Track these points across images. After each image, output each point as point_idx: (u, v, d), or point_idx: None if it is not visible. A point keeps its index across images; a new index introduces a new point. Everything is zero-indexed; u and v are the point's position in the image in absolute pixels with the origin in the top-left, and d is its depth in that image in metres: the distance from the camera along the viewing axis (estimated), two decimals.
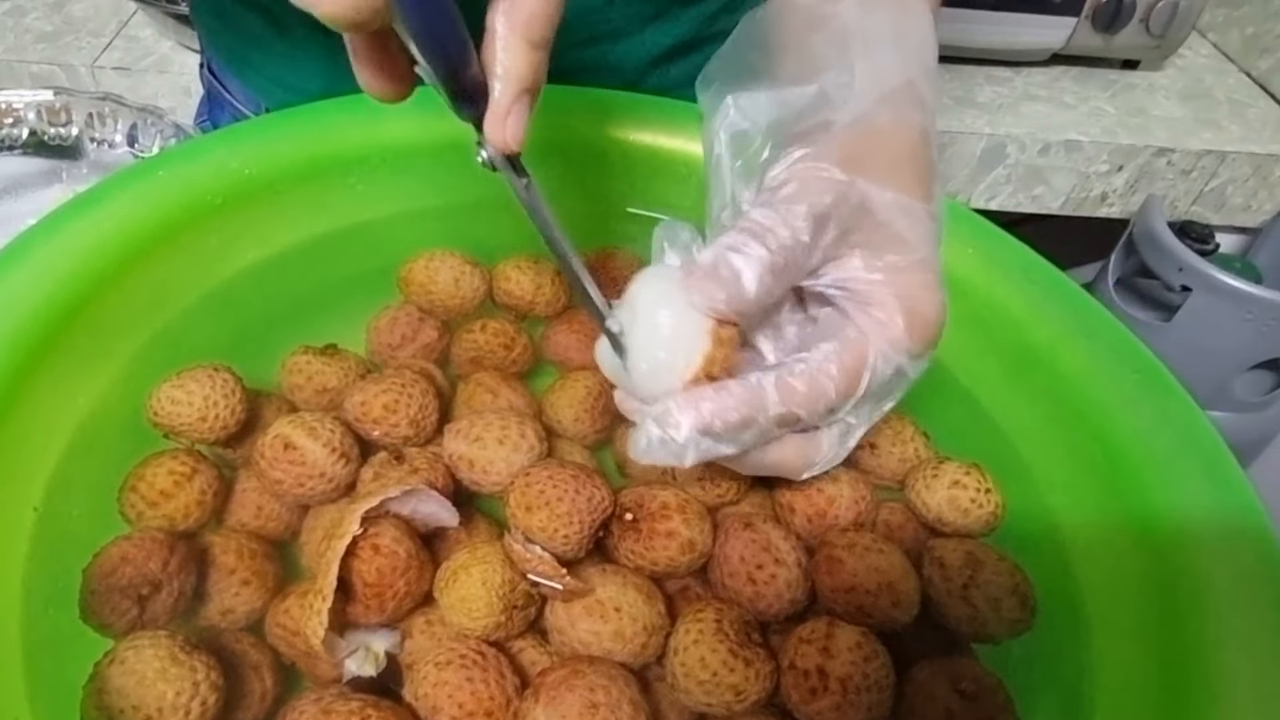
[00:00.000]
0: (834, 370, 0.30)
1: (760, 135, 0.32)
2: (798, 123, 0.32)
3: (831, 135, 0.31)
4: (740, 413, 0.28)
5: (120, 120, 0.56)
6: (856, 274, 0.31)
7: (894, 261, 0.31)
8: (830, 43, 0.33)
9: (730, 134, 0.33)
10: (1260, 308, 0.86)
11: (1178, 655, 0.31)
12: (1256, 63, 1.02)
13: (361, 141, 0.45)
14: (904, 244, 0.31)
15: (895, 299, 0.30)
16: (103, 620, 0.31)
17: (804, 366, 0.30)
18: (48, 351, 0.35)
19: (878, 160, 0.31)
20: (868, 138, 0.31)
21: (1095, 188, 0.95)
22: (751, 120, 0.33)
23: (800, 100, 0.32)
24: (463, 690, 0.30)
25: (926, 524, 0.38)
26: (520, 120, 0.28)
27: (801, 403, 0.29)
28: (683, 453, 0.28)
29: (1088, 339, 0.39)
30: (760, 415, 0.29)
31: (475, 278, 0.45)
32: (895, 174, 0.31)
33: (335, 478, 0.36)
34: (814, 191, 0.30)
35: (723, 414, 0.28)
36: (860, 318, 0.30)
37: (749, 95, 0.33)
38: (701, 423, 0.28)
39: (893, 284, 0.31)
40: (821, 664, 0.31)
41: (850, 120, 0.31)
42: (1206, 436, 0.35)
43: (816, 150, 0.31)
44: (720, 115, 0.34)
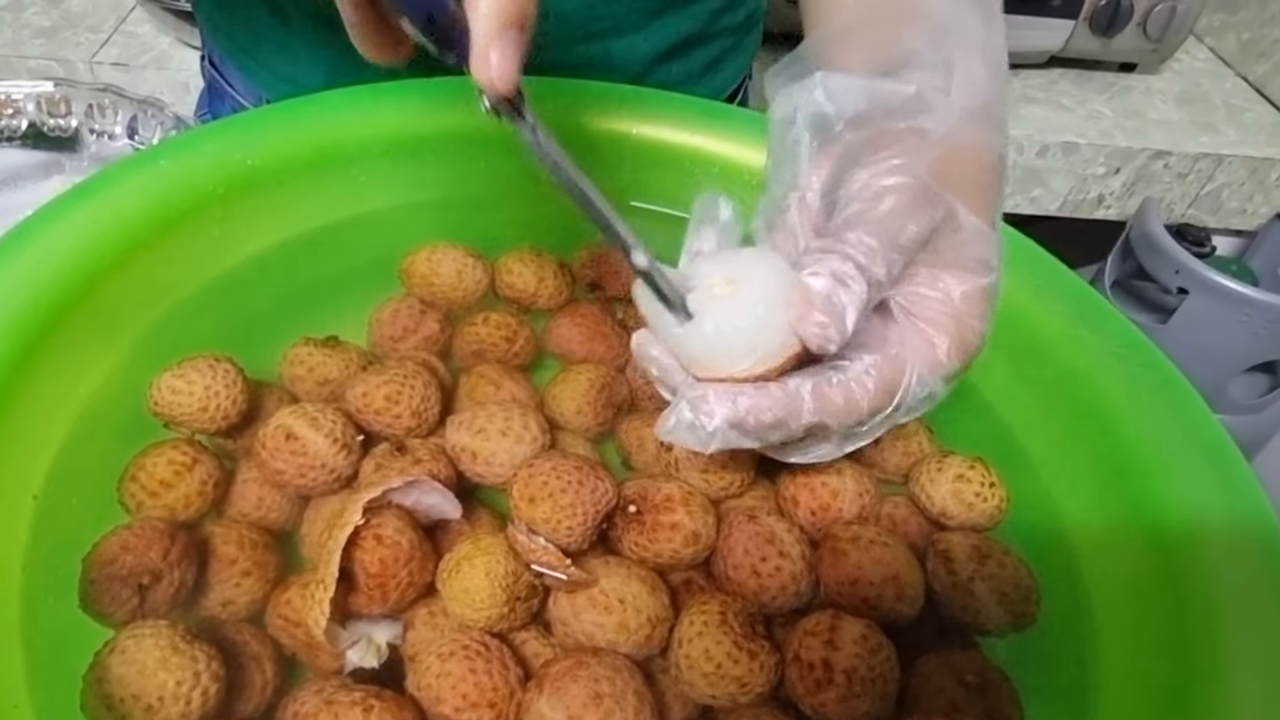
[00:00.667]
0: (870, 385, 0.29)
1: (841, 123, 0.31)
2: (888, 120, 0.31)
3: (926, 145, 0.30)
4: (775, 415, 0.28)
5: (120, 112, 0.56)
6: (921, 289, 0.31)
7: (954, 285, 0.31)
8: (925, 38, 0.32)
9: (812, 113, 0.31)
10: (1256, 310, 0.86)
11: (1183, 652, 0.31)
12: (1253, 67, 1.02)
13: (364, 133, 0.45)
14: (971, 269, 0.31)
15: (947, 320, 0.30)
16: (103, 609, 0.31)
17: (842, 377, 0.29)
18: (48, 340, 0.34)
19: (960, 180, 0.31)
20: (954, 153, 0.31)
21: (1093, 190, 0.95)
22: (837, 105, 0.31)
23: (894, 99, 0.31)
24: (466, 681, 0.30)
25: (930, 518, 0.38)
26: (507, 58, 0.25)
27: (835, 414, 0.29)
28: (709, 441, 0.28)
29: (1092, 334, 0.39)
30: (792, 421, 0.28)
31: (478, 270, 0.45)
32: (976, 197, 0.31)
33: (337, 469, 0.36)
34: (914, 216, 0.29)
35: (758, 413, 0.28)
36: (907, 333, 0.30)
37: (839, 78, 0.31)
38: (736, 417, 0.28)
39: (948, 307, 0.30)
40: (826, 656, 0.31)
41: (944, 133, 0.31)
42: (1213, 432, 0.35)
43: (912, 161, 0.30)
44: (804, 91, 0.32)
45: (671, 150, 0.47)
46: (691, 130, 0.48)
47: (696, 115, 0.48)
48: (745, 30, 0.59)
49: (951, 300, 0.30)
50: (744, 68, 0.62)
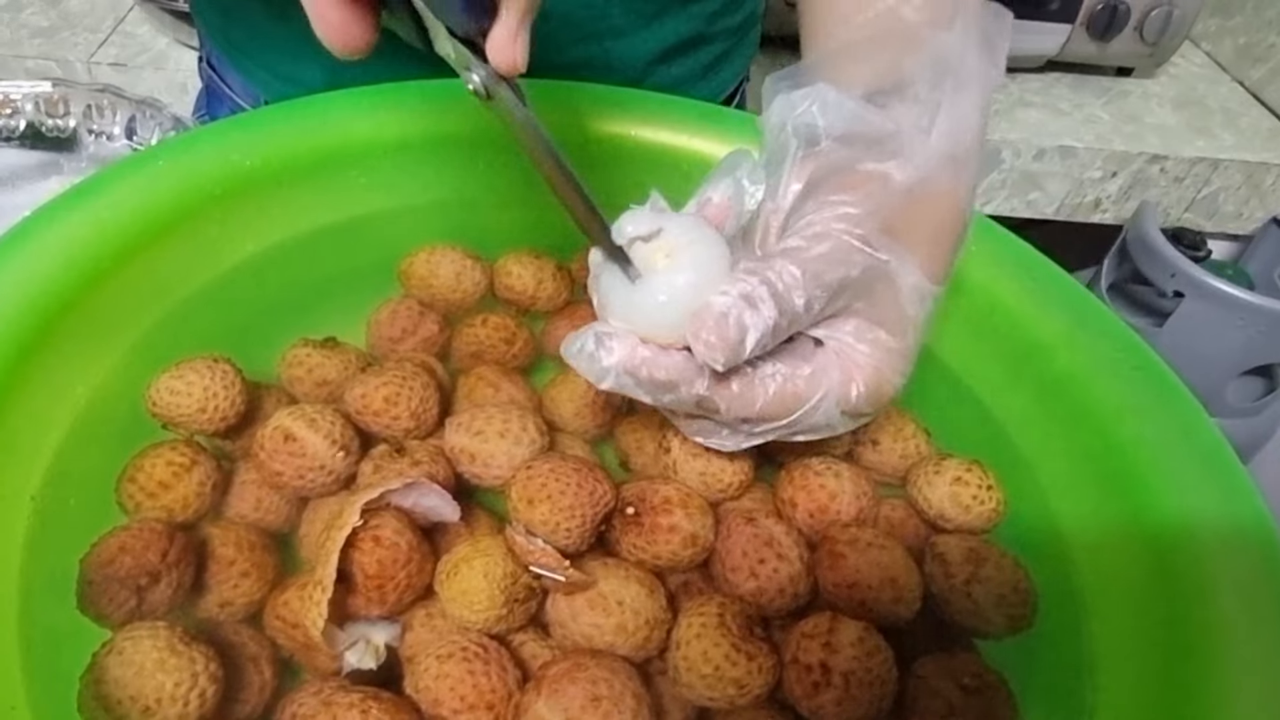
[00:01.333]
0: (771, 390, 0.30)
1: (829, 139, 0.32)
2: (863, 154, 0.32)
3: (887, 194, 0.31)
4: (666, 375, 0.29)
5: (119, 112, 0.56)
6: (846, 338, 0.32)
7: (884, 340, 0.32)
8: (924, 70, 0.33)
9: (805, 123, 0.33)
10: (1252, 314, 0.86)
11: (1179, 655, 0.31)
12: (1249, 72, 1.03)
13: (363, 134, 0.45)
14: (902, 327, 0.32)
15: (870, 370, 0.32)
16: (100, 611, 0.31)
17: (748, 369, 0.30)
18: (46, 341, 0.34)
19: (919, 232, 0.32)
20: (919, 204, 0.32)
21: (1089, 194, 0.96)
22: (826, 120, 0.32)
23: (876, 131, 0.32)
24: (464, 683, 0.30)
25: (928, 520, 0.38)
26: (526, 43, 0.27)
27: (726, 399, 0.30)
28: (602, 376, 0.29)
29: (1089, 337, 0.39)
30: (684, 388, 0.29)
31: (476, 272, 0.45)
32: (928, 249, 0.32)
33: (335, 470, 0.36)
34: (844, 262, 0.30)
35: (651, 367, 0.29)
36: (827, 366, 0.31)
37: (835, 94, 0.33)
38: (629, 364, 0.29)
39: (873, 357, 0.32)
40: (824, 659, 0.31)
41: (911, 183, 0.32)
42: (1208, 436, 0.35)
43: (863, 213, 0.31)
44: (803, 100, 0.33)
45: (669, 152, 0.47)
46: (689, 133, 0.48)
47: (694, 117, 0.48)
48: (743, 32, 0.59)
49: (878, 351, 0.32)
50: (742, 70, 0.62)
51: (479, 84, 0.28)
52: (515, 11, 0.27)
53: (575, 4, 0.49)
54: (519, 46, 0.27)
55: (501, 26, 0.27)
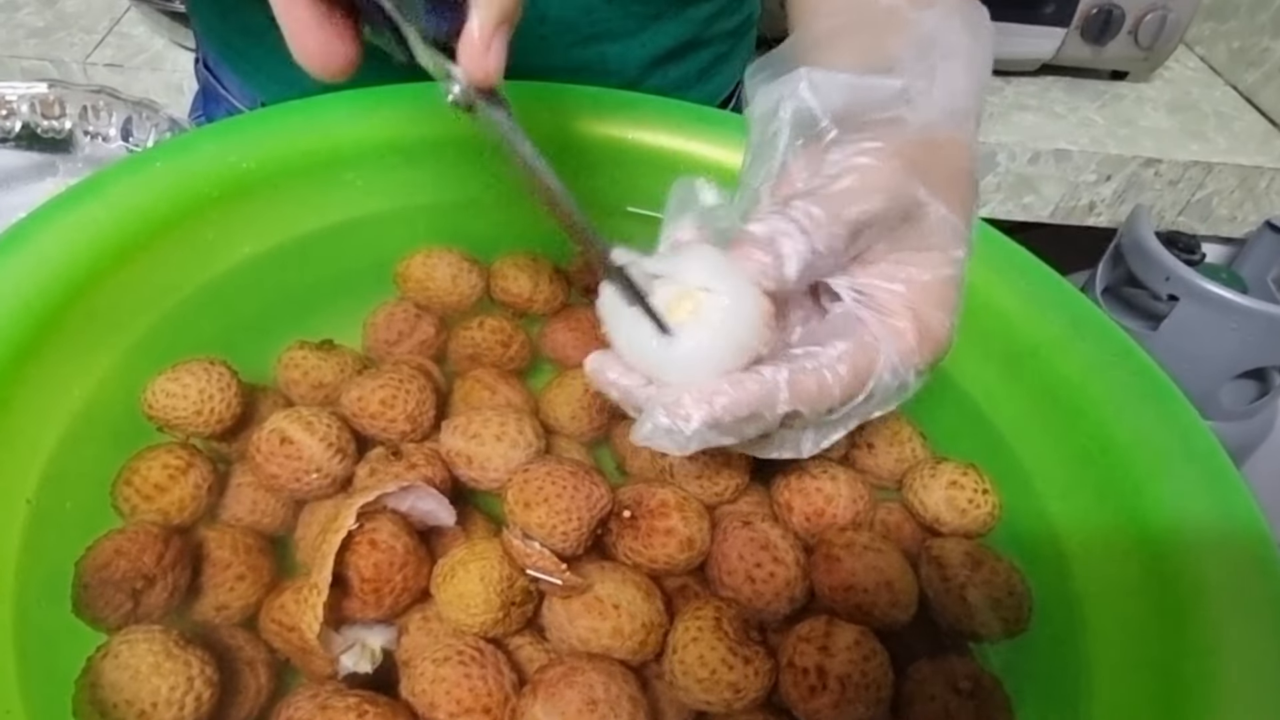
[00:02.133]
0: (843, 371, 0.29)
1: (827, 118, 0.31)
2: (870, 113, 0.31)
3: (902, 133, 0.30)
4: (751, 408, 0.28)
5: (115, 114, 0.56)
6: (877, 281, 0.30)
7: (916, 275, 0.30)
8: (910, 47, 0.32)
9: (795, 108, 0.31)
10: (1245, 317, 0.87)
11: (1174, 658, 0.31)
12: (1243, 76, 1.03)
13: (360, 137, 0.45)
14: (933, 259, 0.31)
15: (910, 311, 0.30)
16: (96, 614, 0.31)
17: (814, 364, 0.29)
18: (42, 343, 0.34)
19: (935, 171, 0.31)
20: (930, 146, 0.31)
21: (1084, 197, 0.96)
22: (823, 99, 0.31)
23: (881, 92, 0.31)
24: (460, 687, 0.30)
25: (924, 524, 0.38)
26: (501, 52, 0.26)
27: (808, 401, 0.29)
28: (687, 445, 0.28)
29: (1084, 341, 0.39)
30: (768, 412, 0.28)
31: (473, 274, 0.45)
32: (949, 190, 0.31)
33: (331, 473, 0.36)
34: (868, 195, 0.29)
35: (734, 409, 0.27)
36: (875, 324, 0.30)
37: (824, 73, 0.31)
38: (713, 417, 0.27)
39: (909, 297, 0.30)
40: (820, 662, 0.31)
41: (923, 124, 0.31)
42: (1203, 439, 0.36)
43: (884, 147, 0.30)
44: (788, 85, 0.32)
45: (666, 155, 0.47)
46: (686, 135, 0.48)
47: (691, 120, 0.48)
48: (739, 36, 0.59)
49: (913, 288, 0.30)
50: (738, 74, 0.62)
51: (458, 95, 0.27)
52: (487, 18, 0.25)
53: (572, 8, 0.50)
54: (492, 56, 0.26)
55: (471, 32, 0.25)
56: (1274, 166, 0.93)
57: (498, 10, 0.25)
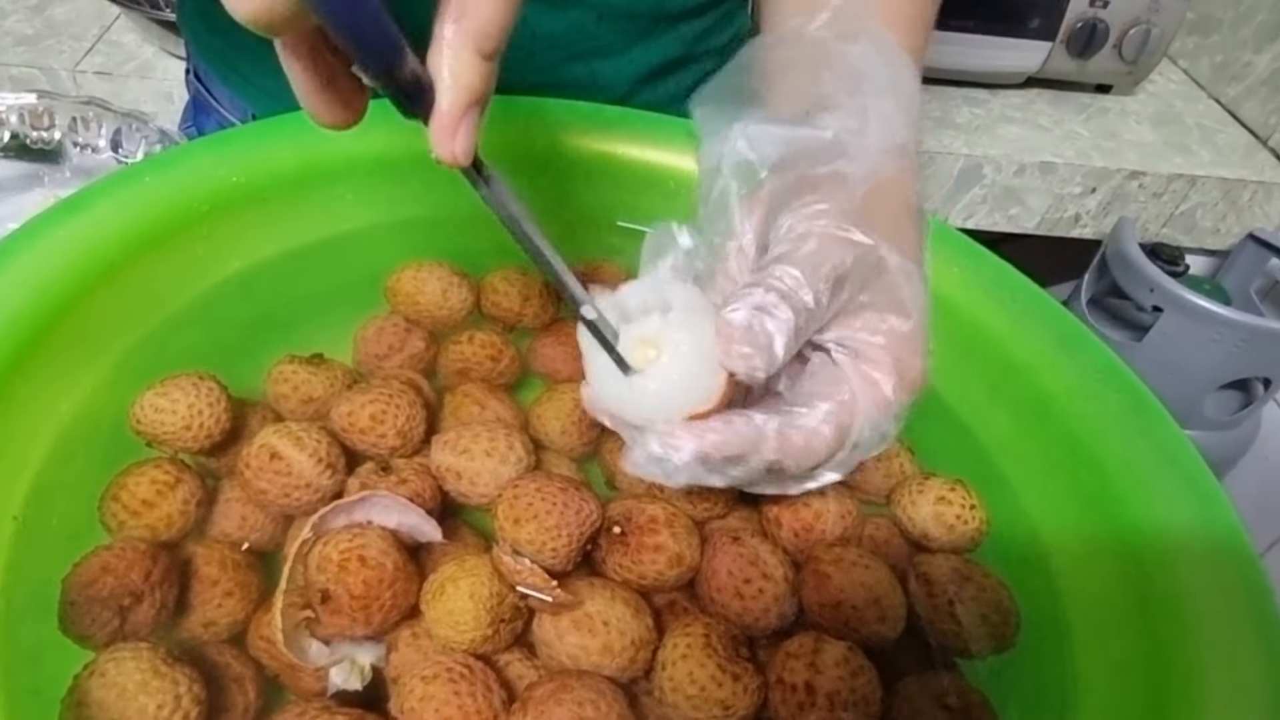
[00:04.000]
0: (827, 432, 0.31)
1: (765, 170, 0.33)
2: (810, 167, 0.32)
3: (848, 190, 0.32)
4: (739, 449, 0.29)
5: (104, 125, 0.56)
6: (859, 334, 0.32)
7: (895, 325, 0.32)
8: (841, 81, 0.33)
9: (736, 162, 0.33)
10: (1229, 329, 0.87)
11: (1159, 670, 0.32)
12: (1225, 90, 1.04)
13: (351, 151, 0.45)
14: (905, 308, 0.32)
15: (891, 362, 0.31)
16: (83, 631, 0.30)
17: (804, 423, 0.30)
18: (30, 357, 0.34)
19: (882, 217, 0.32)
20: (874, 193, 0.32)
21: (1069, 209, 0.97)
22: (759, 153, 0.33)
23: (813, 144, 0.33)
24: (449, 704, 0.30)
25: (912, 539, 0.38)
26: (469, 133, 0.25)
27: (794, 455, 0.30)
28: (676, 475, 0.29)
29: (1070, 357, 0.39)
30: (754, 458, 0.29)
31: (463, 289, 0.45)
32: (898, 233, 0.32)
33: (321, 488, 0.36)
34: (836, 253, 0.30)
35: (722, 448, 0.29)
36: (855, 378, 0.31)
37: (758, 127, 0.33)
38: (702, 452, 0.29)
39: (890, 348, 0.32)
40: (809, 679, 0.31)
41: (864, 174, 0.32)
42: (1186, 454, 0.36)
43: (836, 206, 0.31)
44: (726, 141, 0.34)
45: (656, 171, 0.48)
46: (676, 151, 0.48)
47: (681, 136, 0.49)
48: (729, 53, 0.59)
49: (894, 339, 0.32)
50: None
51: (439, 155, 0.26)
52: (457, 105, 0.25)
53: (562, 24, 0.50)
54: (460, 139, 0.25)
55: (440, 117, 0.25)
56: (1257, 179, 0.94)
57: (465, 95, 0.25)
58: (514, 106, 0.46)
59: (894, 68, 0.35)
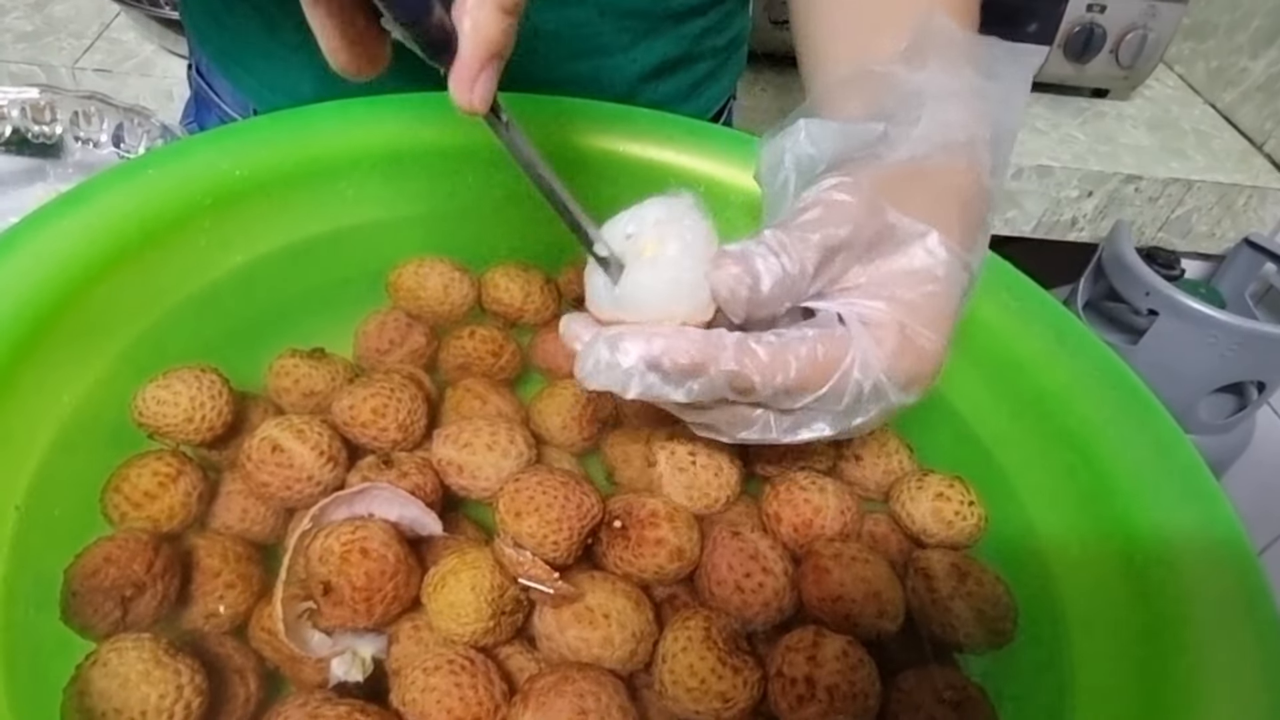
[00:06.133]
0: (803, 351, 0.29)
1: (824, 163, 0.33)
2: (854, 153, 0.33)
3: (875, 167, 0.32)
4: (691, 356, 0.27)
5: (106, 120, 0.56)
6: (859, 300, 0.31)
7: (899, 294, 0.31)
8: (902, 99, 0.34)
9: (797, 156, 0.34)
10: (1224, 332, 0.88)
11: (1156, 668, 0.32)
12: (1221, 95, 1.05)
13: (353, 146, 0.45)
14: (915, 276, 0.31)
15: (894, 324, 0.30)
16: (85, 622, 0.31)
17: (771, 338, 0.29)
18: (32, 349, 0.34)
19: (918, 196, 0.32)
20: (914, 175, 0.32)
21: (1066, 212, 0.97)
22: (818, 146, 0.33)
23: (866, 135, 0.33)
24: (451, 696, 0.30)
25: (911, 535, 0.39)
26: (488, 85, 0.27)
27: (757, 369, 0.28)
28: (626, 380, 0.28)
29: (1068, 355, 0.40)
30: (712, 366, 0.28)
31: (464, 284, 0.45)
32: (932, 212, 0.32)
33: (323, 481, 0.36)
34: (833, 222, 0.30)
35: (673, 353, 0.27)
36: (854, 325, 0.30)
37: (819, 122, 0.34)
38: (650, 355, 0.27)
39: (894, 314, 0.30)
40: (809, 672, 0.31)
41: (903, 158, 0.32)
42: (1185, 452, 0.36)
43: (852, 180, 0.31)
44: (790, 136, 0.34)
45: (657, 168, 0.48)
46: (677, 148, 0.48)
47: (682, 134, 0.49)
48: (730, 51, 0.60)
49: (897, 305, 0.30)
50: (729, 88, 0.63)
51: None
52: (476, 56, 0.26)
53: (565, 22, 0.50)
54: (478, 88, 0.27)
55: (460, 67, 0.26)
56: (1252, 184, 0.95)
57: (485, 46, 0.26)
58: (516, 103, 0.46)
59: (959, 80, 0.35)
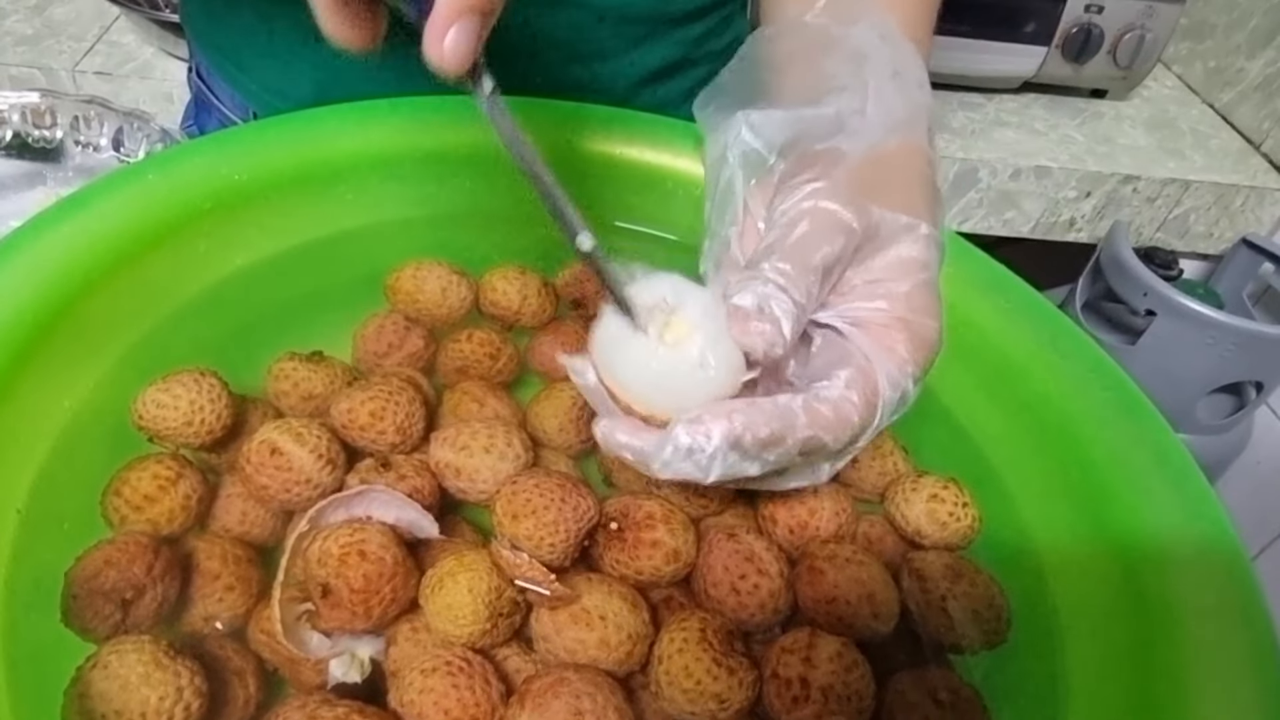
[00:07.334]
0: (855, 398, 0.29)
1: (774, 155, 0.32)
2: (810, 144, 0.32)
3: (844, 166, 0.31)
4: (771, 429, 0.27)
5: (106, 124, 0.56)
6: (858, 305, 0.31)
7: (894, 289, 0.31)
8: (843, 64, 0.33)
9: (742, 151, 0.33)
10: (1222, 333, 0.88)
11: (1149, 669, 0.32)
12: (1219, 95, 1.05)
13: (352, 149, 0.45)
14: (905, 267, 0.31)
15: (898, 322, 0.30)
16: (85, 624, 0.31)
17: (828, 394, 0.29)
18: (33, 353, 0.35)
19: (887, 187, 0.32)
20: (878, 165, 0.32)
21: (1064, 213, 0.97)
22: (765, 139, 0.33)
23: (815, 123, 0.32)
24: (448, 697, 0.30)
25: (905, 537, 0.39)
26: (464, 40, 0.25)
27: (828, 428, 0.29)
28: (710, 466, 0.27)
29: (1062, 358, 0.40)
30: (789, 436, 0.28)
31: (462, 287, 0.45)
32: (905, 200, 0.32)
33: (321, 484, 0.36)
34: (826, 237, 0.30)
35: (754, 428, 0.27)
36: (865, 344, 0.30)
37: (761, 113, 0.33)
38: (733, 435, 0.27)
39: (894, 311, 0.31)
40: (803, 673, 0.32)
41: (864, 149, 0.32)
42: (1177, 454, 0.36)
43: (830, 185, 0.31)
44: (731, 131, 0.33)
45: (655, 171, 0.48)
46: (674, 152, 0.48)
47: (679, 137, 0.49)
48: (727, 56, 0.59)
49: (895, 301, 0.31)
50: None
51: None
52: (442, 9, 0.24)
53: (563, 27, 0.50)
54: (449, 44, 0.25)
55: (431, 17, 0.25)
56: (1249, 184, 0.95)
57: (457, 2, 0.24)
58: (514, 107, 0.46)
59: (894, 47, 0.34)
